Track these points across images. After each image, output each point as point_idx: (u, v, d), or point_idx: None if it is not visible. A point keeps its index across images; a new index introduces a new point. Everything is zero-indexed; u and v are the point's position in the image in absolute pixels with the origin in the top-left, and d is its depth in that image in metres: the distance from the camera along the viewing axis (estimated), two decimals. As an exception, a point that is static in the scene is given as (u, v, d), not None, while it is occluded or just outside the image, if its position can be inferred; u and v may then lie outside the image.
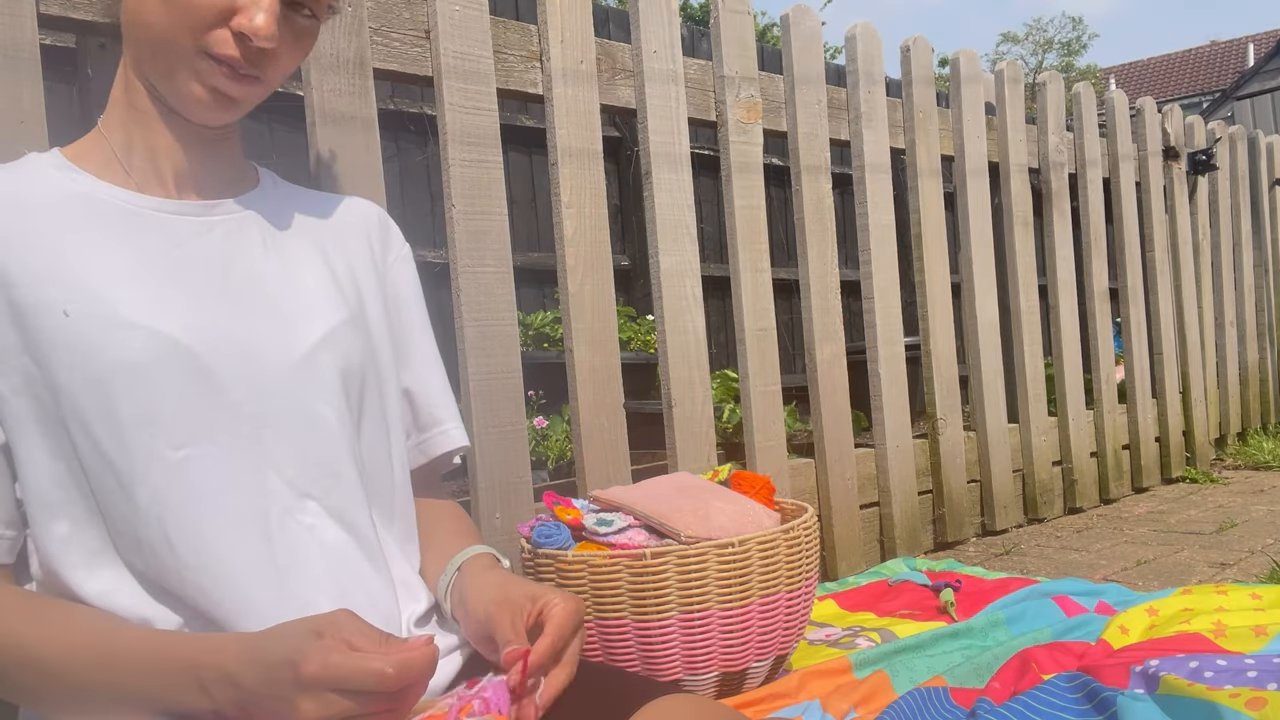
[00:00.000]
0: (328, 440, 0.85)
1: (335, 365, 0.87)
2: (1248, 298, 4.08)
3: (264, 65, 0.83)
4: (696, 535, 1.31)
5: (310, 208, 0.98)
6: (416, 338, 1.03)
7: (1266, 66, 11.51)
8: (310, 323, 0.87)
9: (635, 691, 0.80)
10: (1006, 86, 2.90)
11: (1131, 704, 1.14)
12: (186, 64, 0.81)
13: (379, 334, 0.95)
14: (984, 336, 2.73)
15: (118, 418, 0.76)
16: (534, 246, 4.09)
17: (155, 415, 0.77)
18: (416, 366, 1.02)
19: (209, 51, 0.80)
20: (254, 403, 0.81)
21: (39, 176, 0.83)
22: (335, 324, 0.88)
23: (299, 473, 0.83)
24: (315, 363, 0.85)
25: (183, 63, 0.81)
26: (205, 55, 0.80)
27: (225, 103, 0.84)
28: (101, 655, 0.72)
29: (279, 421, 0.82)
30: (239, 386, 0.81)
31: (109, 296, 0.78)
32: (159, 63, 0.82)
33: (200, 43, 0.80)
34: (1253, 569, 2.10)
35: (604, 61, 1.93)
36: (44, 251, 0.78)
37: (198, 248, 0.85)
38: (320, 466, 0.84)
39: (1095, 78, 24.18)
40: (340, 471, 0.85)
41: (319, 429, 0.84)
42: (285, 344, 0.84)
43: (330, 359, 0.86)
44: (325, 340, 0.87)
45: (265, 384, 0.82)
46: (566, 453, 3.12)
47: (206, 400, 0.79)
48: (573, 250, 1.82)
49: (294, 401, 0.83)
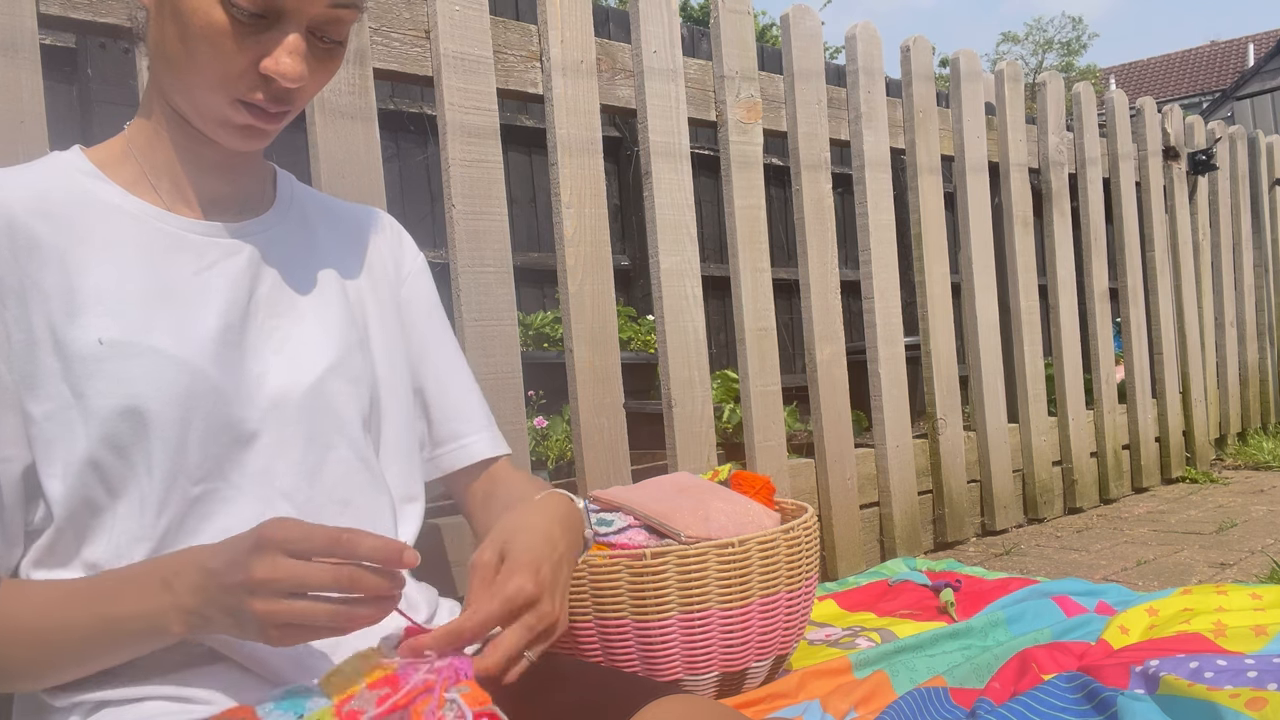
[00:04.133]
0: (337, 466, 0.86)
1: (346, 391, 0.87)
2: (1248, 298, 4.08)
3: (292, 99, 0.82)
4: (696, 535, 1.31)
5: (328, 222, 0.97)
6: (433, 351, 1.02)
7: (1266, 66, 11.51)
8: (322, 350, 0.87)
9: (635, 692, 0.80)
10: (1006, 86, 2.90)
11: (1131, 704, 1.14)
12: (214, 108, 0.80)
13: (387, 353, 0.95)
14: (984, 336, 2.73)
15: (149, 447, 0.76)
16: (534, 246, 4.09)
17: (182, 445, 0.77)
18: (433, 380, 1.02)
19: (237, 97, 0.79)
20: (269, 432, 0.82)
21: (67, 181, 0.82)
22: (346, 349, 0.89)
23: (308, 499, 0.83)
24: (325, 389, 0.86)
25: (210, 106, 0.80)
26: (234, 101, 0.79)
27: (256, 134, 0.83)
28: (84, 593, 0.73)
29: (290, 450, 0.83)
30: (254, 415, 0.81)
31: (142, 323, 0.78)
32: (185, 99, 0.81)
33: (229, 88, 0.78)
34: (1253, 569, 2.10)
35: (604, 61, 1.93)
36: (74, 266, 0.78)
37: (225, 270, 0.84)
38: (328, 493, 0.85)
39: (1095, 78, 24.19)
40: (348, 498, 0.86)
41: (329, 456, 0.85)
42: (297, 374, 0.85)
43: (340, 385, 0.87)
44: (335, 367, 0.87)
45: (279, 413, 0.83)
46: (566, 453, 3.12)
47: (227, 434, 0.80)
48: (573, 250, 1.82)
49: (305, 428, 0.84)
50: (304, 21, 0.78)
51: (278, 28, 0.77)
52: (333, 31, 0.81)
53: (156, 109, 0.84)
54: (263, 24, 0.77)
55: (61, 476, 0.76)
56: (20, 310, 0.76)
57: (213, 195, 0.87)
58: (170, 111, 0.83)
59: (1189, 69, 23.47)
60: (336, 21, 0.80)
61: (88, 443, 0.75)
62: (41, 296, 0.77)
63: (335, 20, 0.80)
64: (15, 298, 0.76)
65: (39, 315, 0.77)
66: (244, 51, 0.77)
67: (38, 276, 0.77)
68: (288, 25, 0.78)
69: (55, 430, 0.76)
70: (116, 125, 0.89)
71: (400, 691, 0.68)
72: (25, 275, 0.77)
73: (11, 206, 0.78)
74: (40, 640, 0.73)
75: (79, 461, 0.76)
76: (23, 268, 0.77)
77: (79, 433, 0.76)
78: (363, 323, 0.93)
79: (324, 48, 0.82)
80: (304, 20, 0.78)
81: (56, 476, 0.76)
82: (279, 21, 0.77)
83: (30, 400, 0.76)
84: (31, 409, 0.76)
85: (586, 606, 1.31)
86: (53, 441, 0.76)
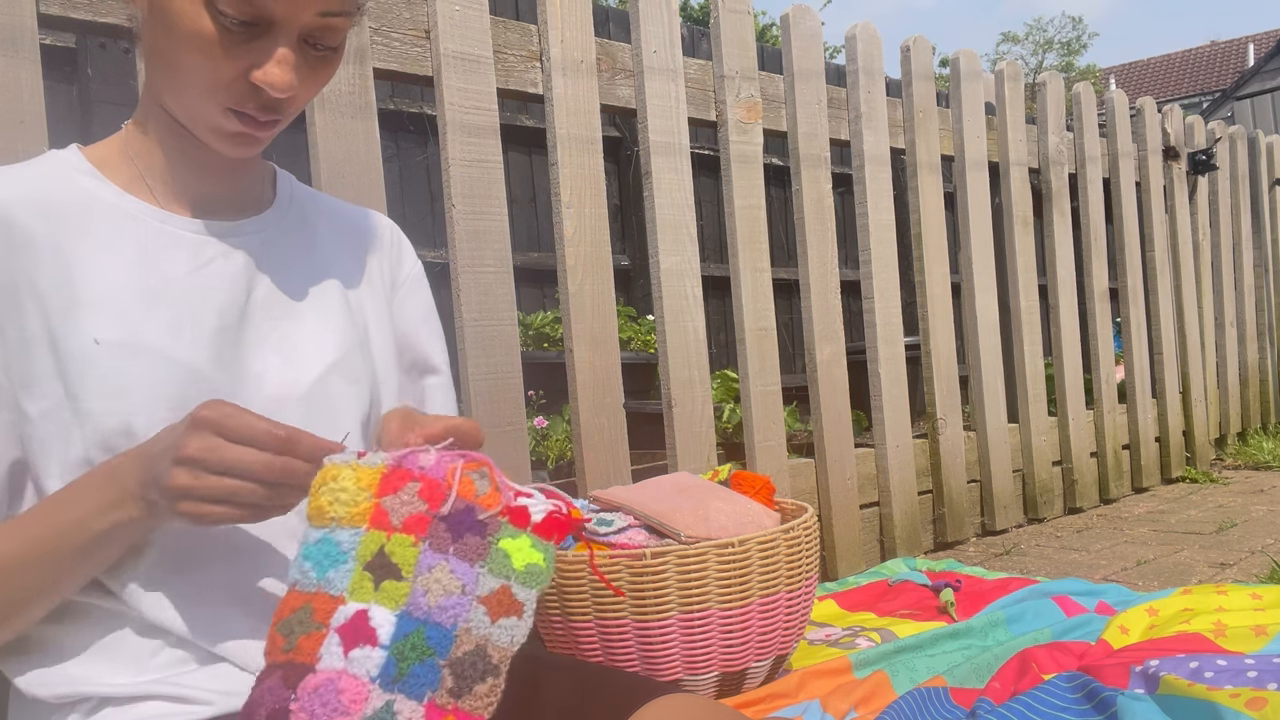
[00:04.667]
0: None
1: (345, 391, 0.87)
2: (1248, 298, 4.08)
3: (284, 108, 0.81)
4: (696, 535, 1.31)
5: (327, 223, 0.97)
6: (424, 359, 1.02)
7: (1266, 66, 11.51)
8: (322, 350, 0.87)
9: (635, 691, 0.80)
10: (1006, 85, 2.90)
11: (1131, 704, 1.14)
12: (205, 115, 0.79)
13: (385, 356, 0.94)
14: (984, 336, 2.73)
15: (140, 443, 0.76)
16: (534, 246, 4.09)
17: None
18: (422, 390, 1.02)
19: (228, 105, 0.78)
20: None
21: (64, 179, 0.82)
22: (346, 350, 0.88)
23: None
24: (326, 389, 0.86)
25: (201, 113, 0.79)
26: (225, 109, 0.78)
27: (248, 141, 0.82)
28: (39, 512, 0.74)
29: None
30: None
31: (138, 322, 0.78)
32: (177, 104, 0.80)
33: (219, 96, 0.77)
34: (1253, 569, 2.10)
35: (604, 61, 1.93)
36: (71, 263, 0.78)
37: (222, 269, 0.84)
38: None
39: (1095, 78, 24.18)
40: None
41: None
42: (297, 373, 0.85)
43: (340, 385, 0.87)
44: (335, 366, 0.87)
45: (279, 412, 0.82)
46: (566, 453, 3.12)
47: None
48: (573, 250, 1.82)
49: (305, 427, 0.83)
50: (295, 30, 0.77)
51: (268, 37, 0.76)
52: (326, 39, 0.79)
53: (152, 111, 0.84)
54: (253, 32, 0.75)
55: (60, 476, 0.76)
56: (16, 308, 0.76)
57: (210, 195, 0.87)
58: (164, 113, 0.83)
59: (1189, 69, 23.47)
60: (329, 29, 0.78)
61: (83, 444, 0.75)
62: (37, 294, 0.77)
63: (327, 28, 0.78)
64: (11, 295, 0.76)
65: (35, 313, 0.77)
66: (234, 61, 0.76)
67: (34, 274, 0.77)
68: (278, 35, 0.76)
69: (51, 429, 0.76)
70: (116, 125, 0.88)
71: (428, 477, 0.70)
72: (21, 272, 0.77)
73: (8, 204, 0.78)
74: (9, 567, 0.73)
75: (75, 461, 0.76)
76: (19, 265, 0.77)
77: (75, 434, 0.76)
78: (362, 323, 0.92)
79: (317, 55, 0.80)
80: (295, 29, 0.76)
81: (55, 476, 0.76)
82: (269, 31, 0.76)
83: (26, 399, 0.76)
84: (28, 407, 0.76)
85: (586, 606, 1.31)
86: (49, 440, 0.76)
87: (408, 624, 0.67)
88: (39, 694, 0.76)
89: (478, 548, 0.70)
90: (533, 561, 0.71)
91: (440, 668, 0.67)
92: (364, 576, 0.68)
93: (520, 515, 0.72)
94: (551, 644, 1.40)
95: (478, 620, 0.69)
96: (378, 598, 0.67)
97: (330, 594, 0.67)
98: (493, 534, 0.71)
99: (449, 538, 0.70)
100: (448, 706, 0.67)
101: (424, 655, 0.67)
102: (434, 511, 0.70)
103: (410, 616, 0.68)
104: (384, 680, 0.66)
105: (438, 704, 0.66)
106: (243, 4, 0.73)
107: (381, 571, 0.68)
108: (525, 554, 0.71)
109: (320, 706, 0.64)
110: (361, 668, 0.66)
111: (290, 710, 0.64)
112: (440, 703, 0.66)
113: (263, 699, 0.65)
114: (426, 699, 0.66)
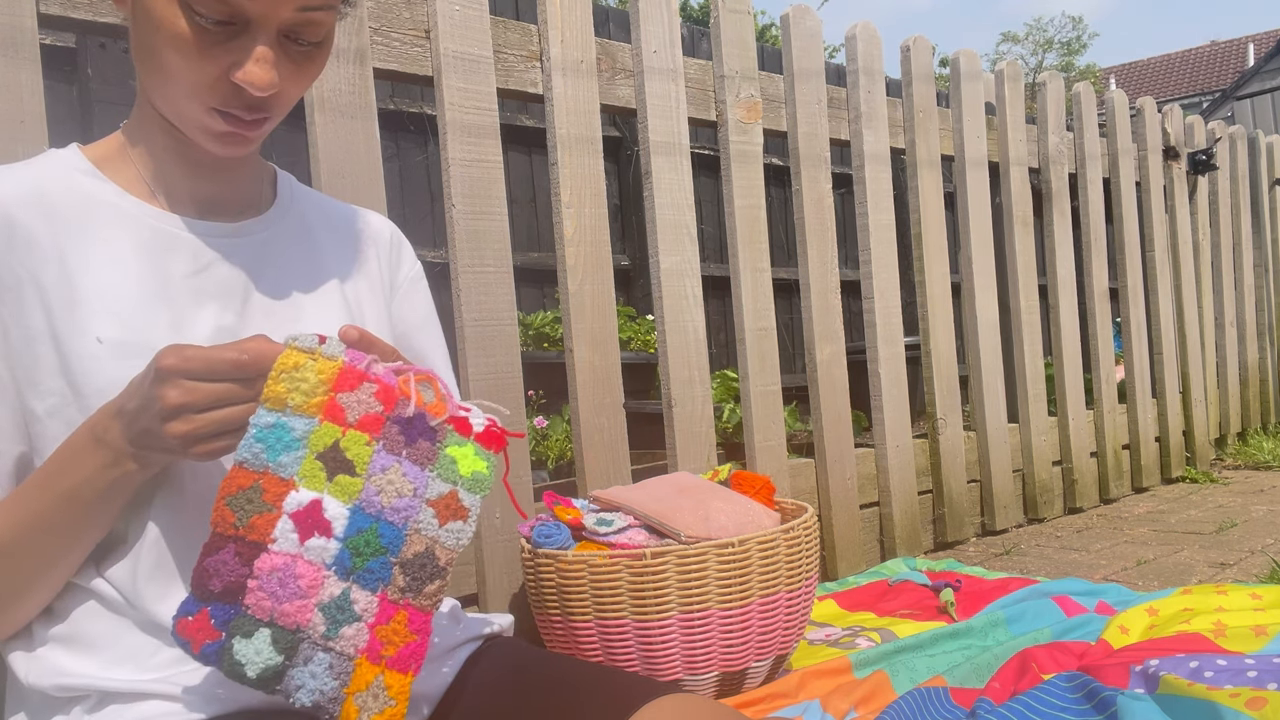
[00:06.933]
0: None
1: None
2: (1248, 298, 4.09)
3: (270, 106, 0.80)
4: (696, 535, 1.31)
5: (327, 224, 0.97)
6: (424, 359, 1.02)
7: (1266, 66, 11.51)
8: None
9: (635, 691, 0.80)
10: (1006, 85, 2.90)
11: (1131, 704, 1.14)
12: (192, 116, 0.79)
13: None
14: (984, 336, 2.73)
15: None
16: (534, 246, 4.09)
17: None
18: None
19: (213, 106, 0.78)
20: None
21: (65, 179, 0.82)
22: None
23: None
24: None
25: (188, 114, 0.79)
26: (210, 109, 0.78)
27: (237, 140, 0.81)
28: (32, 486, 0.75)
29: None
30: None
31: (140, 322, 0.78)
32: (165, 105, 0.80)
33: (202, 97, 0.77)
34: (1253, 569, 2.10)
35: (604, 61, 1.93)
36: (72, 263, 0.78)
37: (223, 271, 0.84)
38: None
39: (1095, 78, 24.19)
40: None
41: None
42: None
43: None
44: None
45: None
46: (566, 453, 3.12)
47: None
48: (573, 250, 1.82)
49: None
50: (273, 27, 0.76)
51: (246, 35, 0.75)
52: (307, 34, 0.78)
53: (147, 111, 0.84)
54: (231, 31, 0.75)
55: None
56: (18, 307, 0.76)
57: (209, 195, 0.87)
58: (157, 114, 0.83)
59: (1189, 69, 23.47)
60: (310, 24, 0.77)
61: None
62: (40, 293, 0.77)
63: (308, 23, 0.77)
64: (14, 294, 0.77)
65: (38, 310, 0.77)
66: (213, 61, 0.75)
67: (36, 273, 0.77)
68: (256, 33, 0.75)
69: (58, 428, 0.76)
70: (116, 125, 0.88)
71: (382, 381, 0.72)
72: (24, 271, 0.77)
73: (9, 203, 0.78)
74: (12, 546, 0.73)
75: None
76: (21, 264, 0.77)
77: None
78: (361, 324, 0.92)
79: (301, 50, 0.79)
80: (273, 26, 0.76)
81: None
82: (247, 29, 0.75)
83: (33, 397, 0.76)
84: (34, 405, 0.76)
85: (587, 606, 1.31)
86: (57, 440, 0.76)
87: (362, 520, 0.70)
88: (37, 684, 0.76)
89: (428, 453, 0.73)
90: (478, 469, 0.75)
91: (391, 565, 0.71)
92: (316, 465, 0.70)
93: (464, 425, 0.75)
94: (551, 644, 1.40)
95: (427, 522, 0.72)
96: (331, 490, 0.70)
97: (280, 476, 0.69)
98: (441, 441, 0.74)
99: (402, 440, 0.73)
100: (399, 601, 0.70)
101: (377, 552, 0.70)
102: (388, 414, 0.72)
103: (363, 513, 0.71)
104: (340, 570, 0.69)
105: (390, 599, 0.70)
106: (217, 3, 0.73)
107: (335, 465, 0.70)
108: (470, 461, 0.75)
109: (279, 587, 0.67)
110: (318, 556, 0.69)
111: (249, 587, 0.67)
112: (393, 598, 0.70)
113: (217, 569, 0.67)
114: (379, 591, 0.70)
